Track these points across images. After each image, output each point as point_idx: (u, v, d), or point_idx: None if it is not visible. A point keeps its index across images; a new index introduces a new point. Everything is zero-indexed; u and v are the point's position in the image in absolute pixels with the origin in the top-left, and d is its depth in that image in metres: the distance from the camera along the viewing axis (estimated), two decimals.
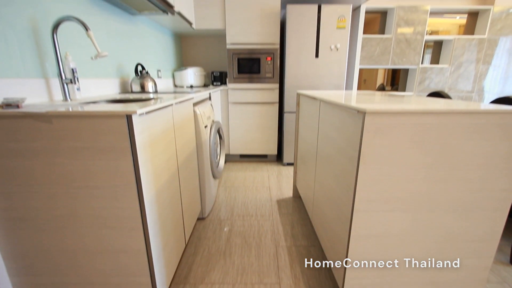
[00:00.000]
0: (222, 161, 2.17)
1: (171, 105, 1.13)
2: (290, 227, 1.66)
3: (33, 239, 0.89)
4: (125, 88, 1.84)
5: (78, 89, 1.22)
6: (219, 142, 2.19)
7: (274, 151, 2.95)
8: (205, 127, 1.65)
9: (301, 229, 1.63)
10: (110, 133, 0.77)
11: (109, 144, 0.78)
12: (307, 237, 1.55)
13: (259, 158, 3.06)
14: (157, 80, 2.40)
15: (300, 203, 1.99)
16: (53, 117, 0.76)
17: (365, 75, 3.48)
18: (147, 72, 1.87)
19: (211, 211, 1.87)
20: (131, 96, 1.49)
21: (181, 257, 1.37)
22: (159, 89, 2.22)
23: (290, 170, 2.74)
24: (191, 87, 2.68)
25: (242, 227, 1.66)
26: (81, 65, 1.35)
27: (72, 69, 1.18)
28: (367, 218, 0.89)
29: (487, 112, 0.80)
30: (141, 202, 0.84)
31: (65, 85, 1.16)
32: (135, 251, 0.90)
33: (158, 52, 2.46)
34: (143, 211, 0.85)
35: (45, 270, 0.93)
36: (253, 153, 2.96)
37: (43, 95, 1.14)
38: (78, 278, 0.94)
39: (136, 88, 1.80)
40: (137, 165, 0.80)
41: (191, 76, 2.75)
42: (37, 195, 0.84)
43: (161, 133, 1.01)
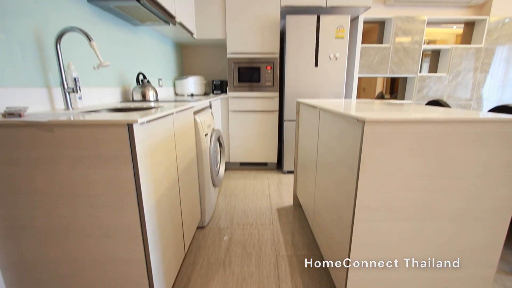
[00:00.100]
0: (222, 169, 2.17)
1: (172, 113, 1.14)
2: (290, 236, 1.65)
3: (32, 249, 0.89)
4: (126, 96, 1.86)
5: (80, 98, 1.23)
6: (219, 150, 2.19)
7: (274, 159, 2.95)
8: (206, 135, 1.66)
9: (301, 238, 1.62)
10: (111, 142, 0.78)
11: (110, 153, 0.78)
12: (308, 247, 1.53)
13: (259, 166, 3.06)
14: (158, 88, 2.42)
15: (300, 211, 1.98)
16: (55, 126, 0.77)
17: (364, 84, 3.52)
18: (148, 81, 1.89)
19: (211, 219, 1.86)
20: (132, 104, 1.51)
21: (180, 267, 1.36)
22: (160, 97, 2.24)
23: (290, 178, 2.73)
24: (192, 95, 2.70)
25: (242, 236, 1.64)
26: (83, 74, 1.37)
27: (74, 78, 1.19)
28: (368, 227, 0.89)
29: (486, 120, 0.81)
30: (141, 211, 0.84)
31: (67, 94, 1.17)
32: (134, 261, 0.89)
33: (159, 61, 2.50)
34: (142, 221, 0.85)
35: (43, 280, 0.92)
36: (253, 161, 2.96)
37: (45, 104, 1.15)
38: None
39: (137, 96, 1.82)
40: (137, 174, 0.81)
41: (191, 84, 2.78)
42: (37, 203, 0.84)
43: (161, 141, 1.02)
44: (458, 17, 3.05)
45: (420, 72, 3.17)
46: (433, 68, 3.35)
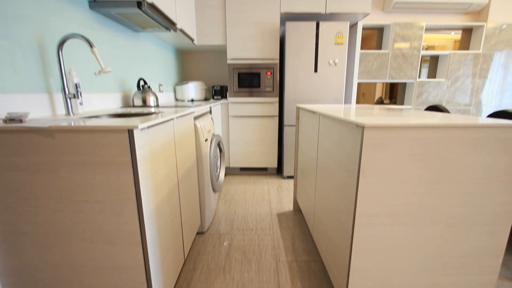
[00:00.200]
0: (222, 174, 2.17)
1: (172, 119, 1.15)
2: (290, 241, 1.64)
3: (31, 254, 0.88)
4: (127, 102, 1.87)
5: (81, 104, 1.24)
6: (219, 155, 2.19)
7: (274, 164, 2.94)
8: (206, 140, 1.66)
9: (302, 244, 1.61)
10: (111, 147, 0.78)
11: (110, 158, 0.79)
12: (308, 252, 1.52)
13: (259, 171, 3.05)
14: (158, 94, 2.44)
15: (300, 216, 1.97)
16: (55, 131, 0.77)
17: (363, 89, 3.53)
18: (149, 86, 1.91)
19: (211, 225, 1.85)
20: (133, 110, 1.51)
21: (180, 273, 1.35)
22: (160, 103, 2.25)
23: (290, 183, 2.73)
24: (192, 101, 2.72)
25: (242, 242, 1.63)
26: (84, 79, 1.38)
27: (75, 84, 1.20)
28: (369, 232, 0.88)
29: (485, 126, 0.81)
30: (141, 216, 0.84)
31: (68, 99, 1.18)
32: (133, 267, 0.88)
33: (160, 67, 2.51)
34: (142, 226, 0.85)
35: (42, 286, 0.91)
36: (253, 166, 2.96)
37: (47, 110, 1.16)
38: None
39: (138, 102, 1.83)
40: (137, 180, 0.81)
41: (192, 90, 2.80)
42: (38, 209, 0.84)
43: (161, 147, 1.02)
44: (456, 24, 3.08)
45: (419, 77, 3.19)
46: (432, 73, 3.37)
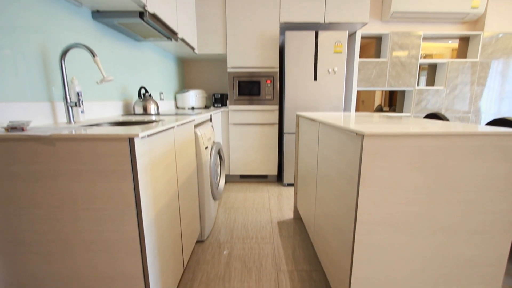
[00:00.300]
0: (222, 182, 2.16)
1: (173, 127, 1.15)
2: (291, 250, 1.62)
3: (31, 263, 0.87)
4: (128, 110, 1.88)
5: (82, 112, 1.24)
6: (219, 163, 2.19)
7: (274, 172, 2.94)
8: (206, 148, 1.67)
9: (302, 253, 1.59)
10: (112, 155, 0.78)
11: (110, 166, 0.79)
12: (309, 261, 1.50)
13: (259, 178, 3.04)
14: (159, 102, 2.45)
15: (301, 224, 1.95)
16: (56, 139, 0.78)
17: (363, 97, 3.56)
18: (150, 94, 1.92)
19: (211, 233, 1.83)
20: (134, 118, 1.52)
21: (179, 283, 1.33)
22: (161, 111, 2.26)
23: (290, 191, 2.71)
24: (193, 108, 2.73)
25: (242, 250, 1.62)
26: (86, 88, 1.40)
27: (77, 92, 1.21)
28: (370, 241, 0.88)
29: (485, 134, 0.82)
30: (140, 225, 0.83)
31: (69, 108, 1.19)
32: (133, 277, 0.87)
33: (161, 75, 2.54)
34: (141, 235, 0.84)
35: None
36: (253, 173, 2.95)
37: (48, 118, 1.17)
38: None
39: (138, 110, 1.84)
40: (138, 188, 0.81)
41: (192, 98, 2.81)
42: (38, 217, 0.83)
43: (162, 155, 1.02)
44: (453, 33, 3.13)
45: (417, 85, 3.22)
46: (431, 81, 3.40)
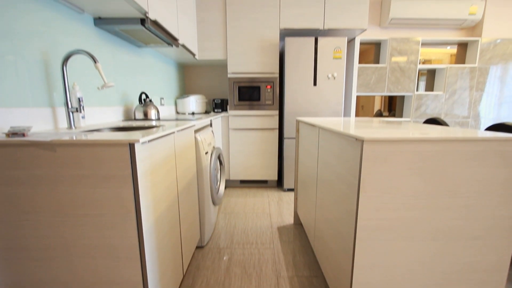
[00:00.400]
0: (222, 187, 2.16)
1: (173, 132, 1.16)
2: (291, 256, 1.61)
3: (31, 268, 0.87)
4: (128, 115, 1.89)
5: (83, 117, 1.25)
6: (219, 168, 2.19)
7: (274, 177, 2.93)
8: (206, 153, 1.67)
9: (303, 258, 1.58)
10: (112, 161, 0.78)
11: (111, 172, 0.79)
12: (309, 267, 1.49)
13: (259, 183, 3.04)
14: (160, 107, 2.47)
15: (301, 230, 1.94)
16: (57, 145, 0.78)
17: (362, 102, 3.57)
18: (151, 100, 1.93)
19: (211, 238, 1.82)
20: (134, 123, 1.53)
21: None
22: (161, 116, 2.27)
23: (290, 196, 2.71)
24: (193, 114, 2.74)
25: (242, 256, 1.61)
26: (87, 93, 1.41)
27: (78, 98, 1.22)
28: (370, 247, 0.87)
29: (484, 139, 0.82)
30: (140, 231, 0.83)
31: (70, 113, 1.20)
32: (132, 283, 0.86)
33: (161, 81, 2.56)
34: (141, 241, 0.84)
35: None
36: (253, 178, 2.95)
37: (49, 123, 1.17)
38: None
39: (139, 115, 1.85)
40: (137, 193, 0.81)
41: (193, 103, 2.83)
42: (38, 223, 0.83)
43: (162, 160, 1.03)
44: (451, 39, 3.16)
45: (417, 90, 3.23)
46: (430, 86, 3.42)
